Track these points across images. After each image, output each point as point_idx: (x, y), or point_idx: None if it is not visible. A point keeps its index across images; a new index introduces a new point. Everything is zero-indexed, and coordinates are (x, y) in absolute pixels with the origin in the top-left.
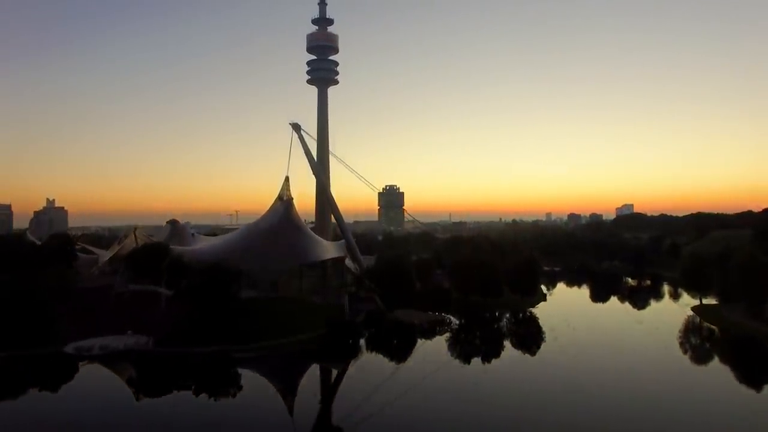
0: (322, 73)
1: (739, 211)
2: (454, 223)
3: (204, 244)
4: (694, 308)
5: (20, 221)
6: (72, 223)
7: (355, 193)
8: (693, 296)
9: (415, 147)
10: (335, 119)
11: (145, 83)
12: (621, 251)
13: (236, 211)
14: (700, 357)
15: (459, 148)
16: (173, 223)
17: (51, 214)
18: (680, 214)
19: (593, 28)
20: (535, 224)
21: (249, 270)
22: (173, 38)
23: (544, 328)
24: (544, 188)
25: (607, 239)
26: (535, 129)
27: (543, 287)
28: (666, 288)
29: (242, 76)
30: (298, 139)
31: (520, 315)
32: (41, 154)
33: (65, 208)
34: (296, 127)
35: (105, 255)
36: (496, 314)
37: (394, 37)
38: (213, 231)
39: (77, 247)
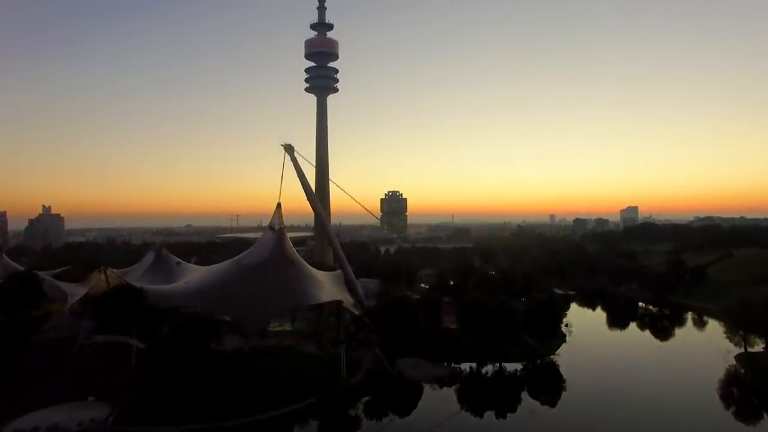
0: (321, 81)
1: (745, 212)
2: (459, 230)
3: (189, 278)
4: (738, 357)
5: (17, 225)
6: (69, 225)
7: (358, 195)
8: (734, 342)
9: (418, 149)
10: (336, 123)
11: (145, 86)
12: (640, 275)
13: (237, 216)
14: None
15: (462, 150)
16: (157, 250)
17: (46, 222)
18: (685, 215)
19: (597, 27)
20: (542, 234)
21: (235, 316)
22: (169, 42)
23: (569, 387)
24: (548, 189)
25: (626, 263)
26: (538, 130)
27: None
28: (690, 318)
29: (241, 80)
30: (291, 161)
31: (539, 362)
32: (37, 158)
33: (61, 215)
34: (289, 149)
35: (76, 292)
36: (516, 370)
37: (395, 41)
38: (213, 239)
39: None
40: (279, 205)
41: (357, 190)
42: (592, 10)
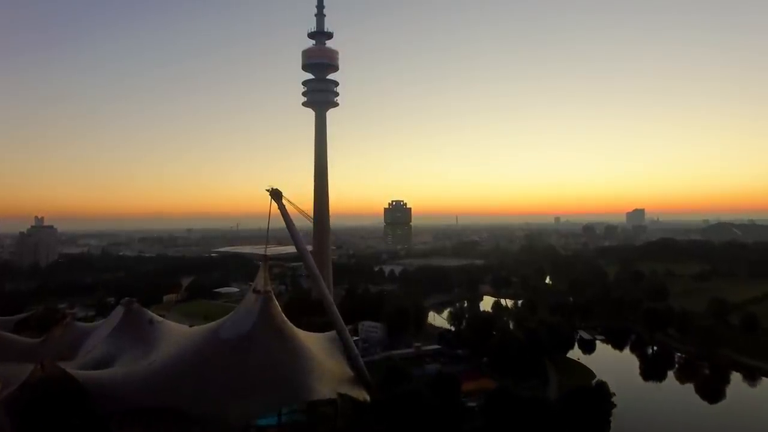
0: (320, 95)
1: (753, 213)
2: (465, 243)
3: (160, 345)
4: None
5: (15, 228)
6: (69, 227)
7: (359, 201)
8: None
9: (420, 150)
10: (336, 131)
11: (147, 89)
12: (679, 321)
13: (237, 224)
14: None
15: (465, 150)
16: (127, 305)
17: (38, 236)
18: (692, 216)
19: (602, 28)
20: (552, 247)
21: (209, 414)
22: (168, 45)
23: None
24: (553, 190)
25: (660, 306)
26: (542, 131)
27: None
28: (748, 383)
29: (241, 81)
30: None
31: None
32: (34, 160)
33: (55, 227)
34: (276, 195)
35: (11, 378)
36: None
37: (396, 43)
38: (210, 254)
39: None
40: (266, 258)
41: (359, 197)
42: (600, 9)
